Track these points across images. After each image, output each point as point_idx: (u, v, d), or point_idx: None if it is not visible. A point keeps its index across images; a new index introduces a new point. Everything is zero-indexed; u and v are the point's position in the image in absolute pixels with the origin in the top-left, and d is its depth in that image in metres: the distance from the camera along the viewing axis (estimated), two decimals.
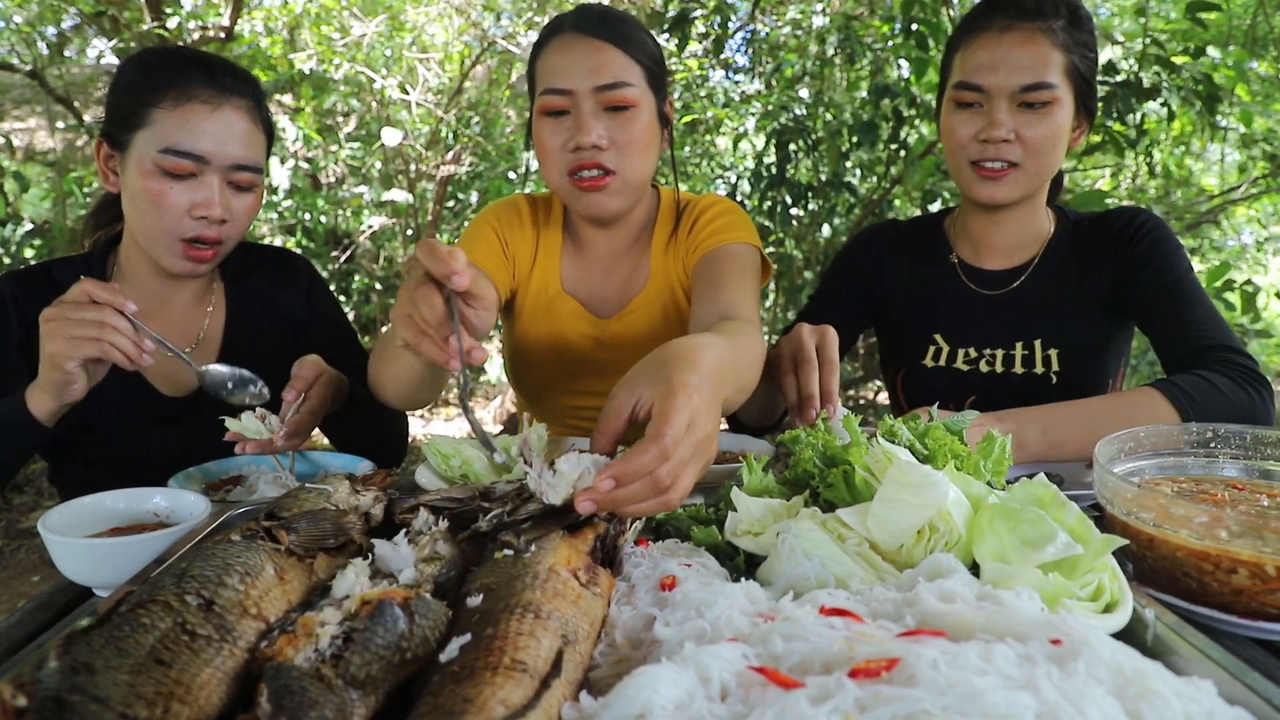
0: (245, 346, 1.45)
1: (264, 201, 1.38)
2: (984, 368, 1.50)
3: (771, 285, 4.28)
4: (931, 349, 1.55)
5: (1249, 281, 3.47)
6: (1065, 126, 1.36)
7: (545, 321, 1.51)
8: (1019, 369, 1.48)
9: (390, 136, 4.12)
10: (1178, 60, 3.04)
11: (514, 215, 1.50)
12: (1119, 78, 3.04)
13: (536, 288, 1.51)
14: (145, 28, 4.04)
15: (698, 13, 3.75)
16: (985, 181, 1.38)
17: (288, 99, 4.63)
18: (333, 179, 4.63)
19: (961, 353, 1.53)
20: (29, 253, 4.03)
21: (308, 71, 4.22)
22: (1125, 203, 4.42)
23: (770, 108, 3.84)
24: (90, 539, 0.85)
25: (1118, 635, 0.60)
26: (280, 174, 3.81)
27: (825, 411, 1.08)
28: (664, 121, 1.40)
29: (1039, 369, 1.46)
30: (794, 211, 3.87)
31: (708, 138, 4.84)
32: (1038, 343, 1.47)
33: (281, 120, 4.10)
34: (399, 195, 4.29)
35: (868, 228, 1.71)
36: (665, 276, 1.49)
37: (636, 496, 0.70)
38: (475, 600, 0.61)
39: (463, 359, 0.84)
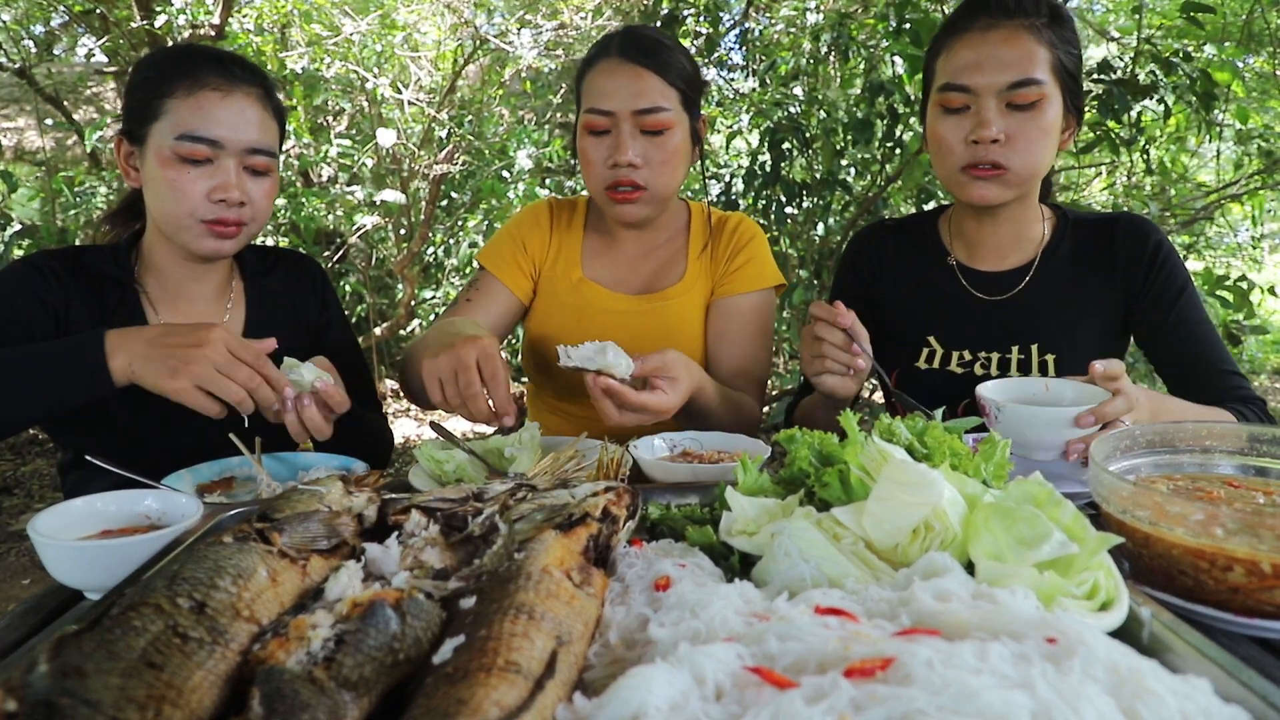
0: None
1: None
2: (979, 371, 1.48)
3: None
4: (925, 350, 1.54)
5: (1243, 277, 3.47)
6: (1055, 124, 1.35)
7: (570, 305, 1.62)
8: (1015, 374, 1.46)
9: (385, 138, 4.10)
10: (1174, 59, 3.03)
11: (532, 222, 1.66)
12: (1114, 75, 3.03)
13: (559, 277, 1.64)
14: (134, 25, 4.01)
15: (688, 12, 3.73)
16: (977, 182, 1.38)
17: (279, 97, 4.60)
18: (324, 178, 4.60)
19: (956, 355, 1.51)
20: (17, 253, 4.00)
21: (300, 71, 4.19)
22: (1121, 200, 4.43)
23: (764, 105, 3.83)
24: (81, 541, 0.84)
25: (1113, 633, 0.60)
26: None
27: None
28: (695, 138, 1.54)
29: (1035, 374, 1.45)
30: (788, 210, 3.86)
31: None
32: (1034, 348, 1.46)
33: None
34: (391, 196, 4.26)
35: (860, 231, 1.73)
36: (702, 280, 1.62)
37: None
38: (468, 602, 0.61)
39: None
